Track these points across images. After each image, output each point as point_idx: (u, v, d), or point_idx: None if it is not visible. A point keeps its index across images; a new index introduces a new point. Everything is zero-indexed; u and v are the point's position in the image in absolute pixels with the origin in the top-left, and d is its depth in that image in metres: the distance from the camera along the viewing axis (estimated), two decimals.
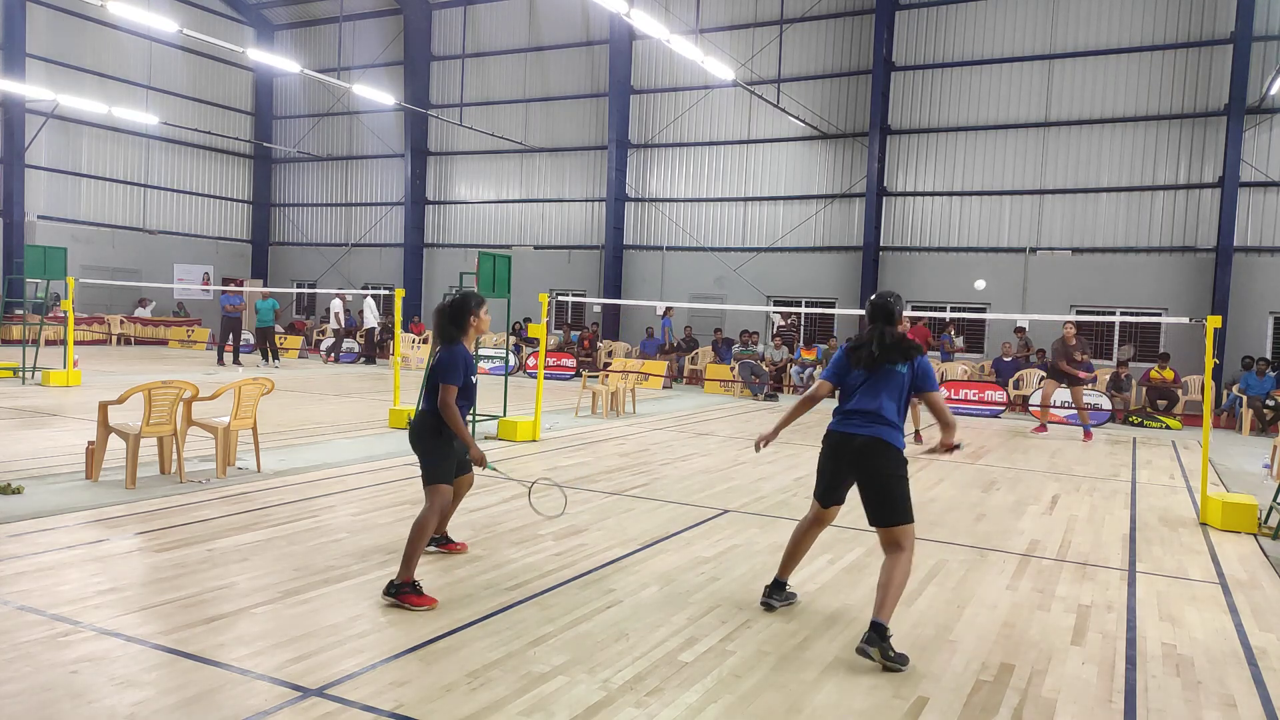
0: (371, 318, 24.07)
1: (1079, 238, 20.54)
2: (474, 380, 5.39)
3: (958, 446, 4.76)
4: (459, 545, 6.09)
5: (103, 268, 27.56)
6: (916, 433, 12.66)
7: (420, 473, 5.26)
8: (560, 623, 4.81)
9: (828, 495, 4.92)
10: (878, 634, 4.33)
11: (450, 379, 5.11)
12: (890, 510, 4.59)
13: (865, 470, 4.64)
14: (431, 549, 5.94)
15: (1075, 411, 16.64)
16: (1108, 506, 8.76)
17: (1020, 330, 20.08)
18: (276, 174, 32.88)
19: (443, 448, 5.23)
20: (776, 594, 5.24)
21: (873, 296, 4.92)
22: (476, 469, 5.55)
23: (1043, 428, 14.80)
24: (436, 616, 4.83)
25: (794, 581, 5.74)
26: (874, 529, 4.67)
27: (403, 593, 4.96)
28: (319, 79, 24.00)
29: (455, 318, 5.30)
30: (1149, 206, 19.95)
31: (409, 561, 5.01)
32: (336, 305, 24.22)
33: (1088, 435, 14.18)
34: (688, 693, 4.00)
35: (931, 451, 4.83)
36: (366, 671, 4.08)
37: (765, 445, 5.03)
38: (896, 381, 4.67)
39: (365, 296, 24.49)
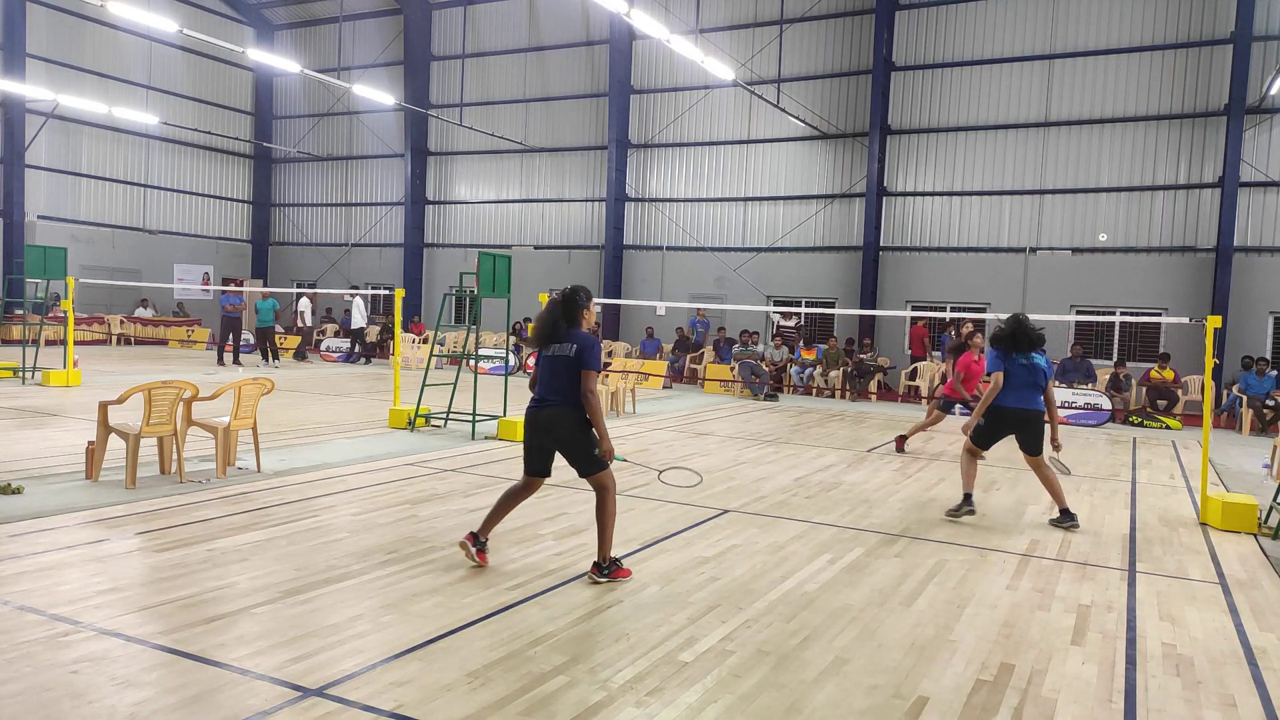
0: (359, 317, 23.92)
1: (1079, 238, 20.54)
2: None
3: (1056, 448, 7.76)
4: (484, 557, 5.75)
5: (103, 268, 27.56)
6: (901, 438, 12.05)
7: (582, 467, 5.44)
8: (560, 623, 4.81)
9: (989, 445, 7.80)
10: (1066, 516, 7.60)
11: (597, 364, 5.37)
12: (1040, 444, 7.64)
13: (1023, 427, 7.61)
14: (474, 563, 5.70)
15: (1074, 412, 16.64)
16: (1108, 506, 8.76)
17: None
18: (276, 174, 32.88)
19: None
20: (967, 504, 7.66)
21: (1009, 316, 7.70)
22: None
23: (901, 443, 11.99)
24: (437, 617, 4.82)
25: (793, 583, 5.75)
26: (1025, 456, 7.72)
27: (614, 569, 5.49)
28: (319, 79, 24.00)
29: (569, 310, 5.51)
30: (1149, 206, 19.94)
31: (605, 543, 5.47)
32: (303, 305, 24.09)
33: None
34: (688, 693, 4.00)
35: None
36: (366, 671, 4.08)
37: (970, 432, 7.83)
38: (1036, 370, 7.56)
39: (355, 296, 24.28)
